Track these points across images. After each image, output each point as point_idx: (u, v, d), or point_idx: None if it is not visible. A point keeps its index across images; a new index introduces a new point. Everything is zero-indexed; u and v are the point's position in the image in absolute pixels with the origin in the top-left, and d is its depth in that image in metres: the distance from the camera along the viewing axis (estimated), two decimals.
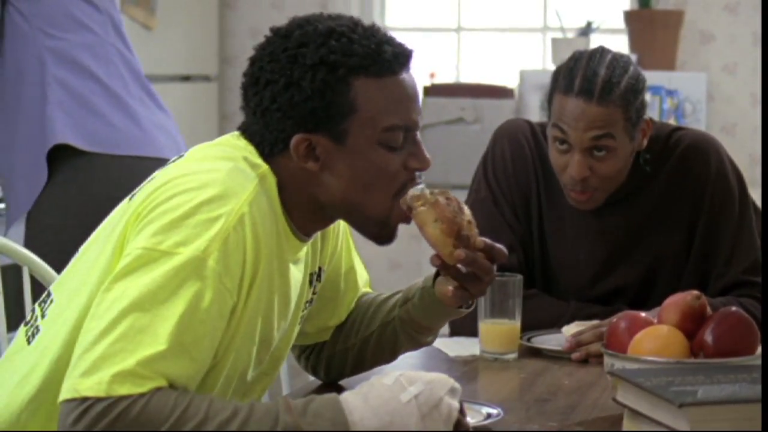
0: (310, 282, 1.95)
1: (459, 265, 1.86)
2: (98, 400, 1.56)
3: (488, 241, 1.88)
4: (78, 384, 1.58)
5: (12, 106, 3.35)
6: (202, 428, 1.57)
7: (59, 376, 1.66)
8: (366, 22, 1.85)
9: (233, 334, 1.75)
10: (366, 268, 2.15)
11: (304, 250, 1.89)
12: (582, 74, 2.40)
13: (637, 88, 2.43)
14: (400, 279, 5.23)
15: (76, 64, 3.37)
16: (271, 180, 1.79)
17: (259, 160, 1.80)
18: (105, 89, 3.44)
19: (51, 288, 1.86)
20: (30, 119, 3.27)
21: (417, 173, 1.84)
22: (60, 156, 3.14)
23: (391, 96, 1.79)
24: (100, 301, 1.65)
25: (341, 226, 2.04)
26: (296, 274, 1.87)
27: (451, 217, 1.84)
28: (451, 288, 1.90)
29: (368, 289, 2.16)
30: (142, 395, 1.57)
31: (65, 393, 1.59)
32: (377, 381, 1.65)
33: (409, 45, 1.85)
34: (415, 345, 2.08)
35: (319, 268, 1.99)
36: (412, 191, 1.84)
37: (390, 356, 2.09)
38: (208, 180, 1.71)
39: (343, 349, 2.10)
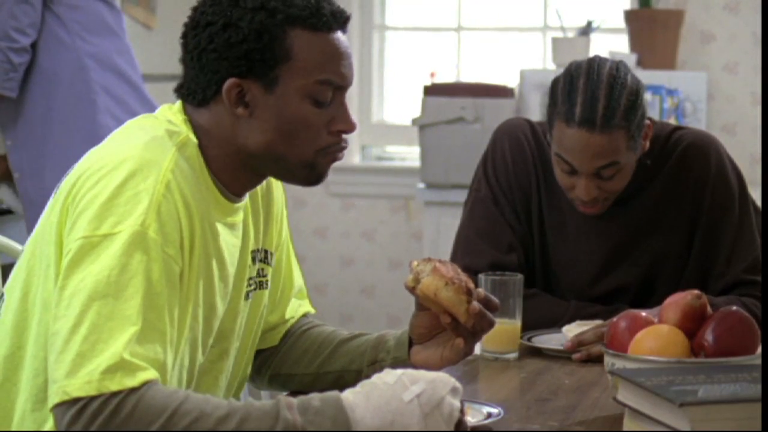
0: (253, 260, 1.95)
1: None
2: (91, 398, 1.56)
3: (483, 291, 1.94)
4: (66, 386, 1.57)
5: (46, 111, 3.38)
6: (199, 425, 1.57)
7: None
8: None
9: (185, 304, 1.75)
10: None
11: (240, 216, 1.89)
12: (581, 101, 2.38)
13: (636, 103, 2.41)
14: (400, 279, 5.21)
15: (114, 70, 3.42)
16: (192, 145, 1.82)
17: (180, 127, 1.82)
18: (141, 94, 3.50)
19: (4, 289, 1.86)
20: (78, 126, 3.30)
21: (344, 138, 1.86)
22: None
23: (325, 51, 1.82)
24: (58, 300, 1.64)
25: (284, 222, 2.06)
26: (231, 239, 1.87)
27: (455, 275, 1.89)
28: (450, 354, 1.95)
29: (310, 308, 2.17)
30: (133, 390, 1.56)
31: (55, 397, 1.58)
32: (379, 380, 1.65)
33: (347, 10, 1.89)
34: None
35: (266, 251, 2.00)
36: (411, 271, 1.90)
37: None
38: (125, 156, 1.73)
39: (290, 374, 2.10)
